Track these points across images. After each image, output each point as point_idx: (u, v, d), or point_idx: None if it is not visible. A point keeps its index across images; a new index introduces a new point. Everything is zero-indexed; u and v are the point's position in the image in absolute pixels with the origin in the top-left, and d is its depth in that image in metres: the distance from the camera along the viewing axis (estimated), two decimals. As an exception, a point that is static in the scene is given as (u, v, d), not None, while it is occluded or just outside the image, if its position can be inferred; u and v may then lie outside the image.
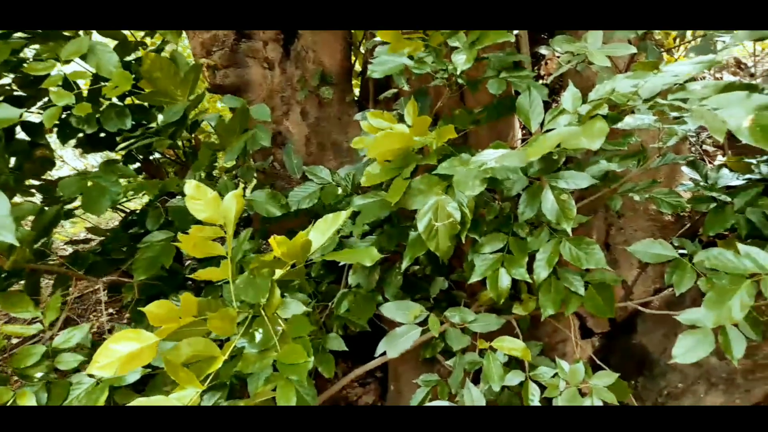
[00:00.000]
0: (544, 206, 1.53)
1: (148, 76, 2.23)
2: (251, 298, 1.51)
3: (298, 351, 1.49)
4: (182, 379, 1.28)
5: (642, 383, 2.19)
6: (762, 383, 1.83)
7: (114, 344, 1.27)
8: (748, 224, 1.67)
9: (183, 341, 1.36)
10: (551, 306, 1.69)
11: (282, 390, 1.48)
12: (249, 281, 1.56)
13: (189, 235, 1.49)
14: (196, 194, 1.52)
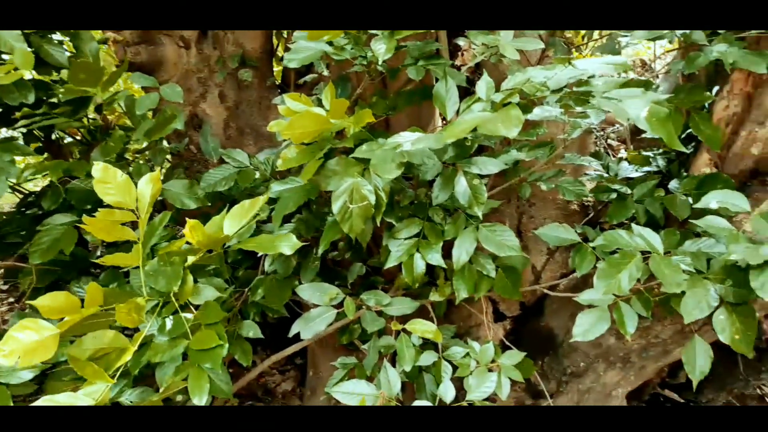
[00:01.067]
0: (457, 190, 1.57)
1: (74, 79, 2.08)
2: (162, 287, 1.45)
3: (211, 337, 1.45)
4: (89, 374, 1.22)
5: (548, 363, 2.30)
6: (654, 360, 1.98)
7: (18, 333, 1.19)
8: (646, 213, 1.79)
9: (87, 335, 1.29)
10: (465, 289, 1.75)
11: (194, 378, 1.44)
12: (160, 268, 1.50)
13: (96, 219, 1.41)
14: (105, 177, 1.44)
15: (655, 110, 1.13)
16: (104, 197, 1.43)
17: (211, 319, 1.53)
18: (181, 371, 1.49)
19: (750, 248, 1.22)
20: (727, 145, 1.82)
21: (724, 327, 1.31)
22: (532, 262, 2.41)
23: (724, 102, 1.80)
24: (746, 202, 1.32)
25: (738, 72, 1.77)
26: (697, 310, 1.29)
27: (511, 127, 1.10)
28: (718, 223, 1.34)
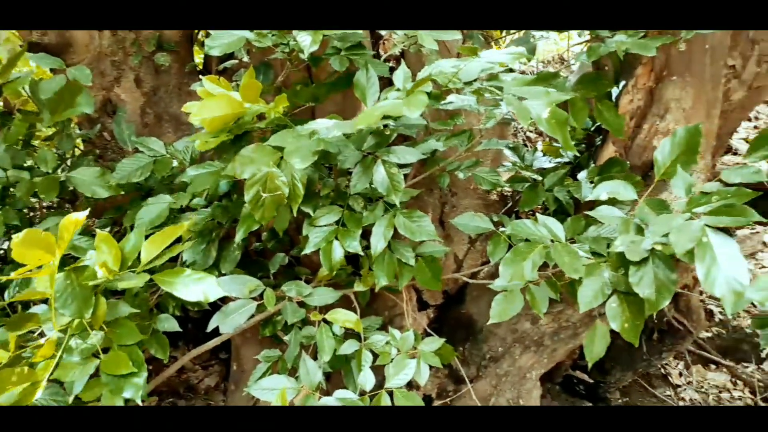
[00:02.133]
0: (376, 179, 1.58)
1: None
2: (74, 313, 1.35)
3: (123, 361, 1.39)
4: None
5: (469, 349, 2.37)
6: (564, 343, 2.07)
7: None
8: (556, 202, 1.87)
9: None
10: (385, 276, 1.76)
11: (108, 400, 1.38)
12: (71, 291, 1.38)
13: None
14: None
15: (556, 112, 1.18)
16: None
17: (124, 339, 1.46)
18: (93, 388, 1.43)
19: (633, 242, 1.29)
20: (632, 137, 1.93)
21: (616, 315, 1.38)
22: (454, 251, 2.47)
23: (628, 96, 1.90)
24: (632, 192, 1.39)
25: (641, 67, 1.88)
26: (593, 299, 1.36)
27: (414, 109, 1.12)
28: (610, 213, 1.42)
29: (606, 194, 1.45)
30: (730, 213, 1.18)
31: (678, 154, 1.40)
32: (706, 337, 3.12)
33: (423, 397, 2.42)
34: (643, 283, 1.27)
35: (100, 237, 1.33)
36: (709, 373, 2.94)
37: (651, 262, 1.27)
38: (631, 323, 1.36)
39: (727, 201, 1.22)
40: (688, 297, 2.17)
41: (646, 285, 1.27)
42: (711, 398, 2.75)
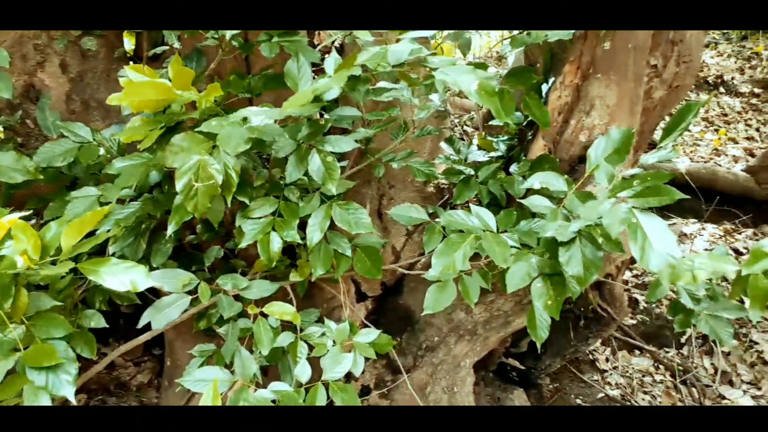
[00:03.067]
0: (311, 168, 1.58)
1: None
2: None
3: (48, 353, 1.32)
4: None
5: (406, 339, 2.40)
6: (496, 331, 2.13)
7: None
8: (489, 194, 1.92)
9: None
10: (321, 266, 1.77)
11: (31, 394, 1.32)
12: None
13: None
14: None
15: (484, 84, 1.22)
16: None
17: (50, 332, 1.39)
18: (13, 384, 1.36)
19: (562, 226, 1.36)
20: (559, 132, 2.00)
21: (540, 294, 1.46)
22: (392, 243, 2.49)
23: (557, 92, 1.97)
24: (563, 183, 1.46)
25: (569, 65, 1.95)
26: (520, 280, 1.42)
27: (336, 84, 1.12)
28: (541, 202, 1.48)
29: (539, 184, 1.51)
30: (654, 193, 1.24)
31: (611, 152, 1.47)
32: (631, 324, 3.29)
33: (360, 387, 2.44)
34: (572, 262, 1.34)
35: (18, 225, 1.26)
36: (634, 358, 3.10)
37: (579, 242, 1.34)
38: (554, 300, 1.45)
39: (648, 183, 1.29)
40: (611, 286, 2.28)
41: (575, 264, 1.34)
42: (635, 382, 2.90)
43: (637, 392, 2.83)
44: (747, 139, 5.39)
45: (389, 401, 2.38)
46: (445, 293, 1.62)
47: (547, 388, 2.77)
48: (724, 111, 5.82)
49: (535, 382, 2.70)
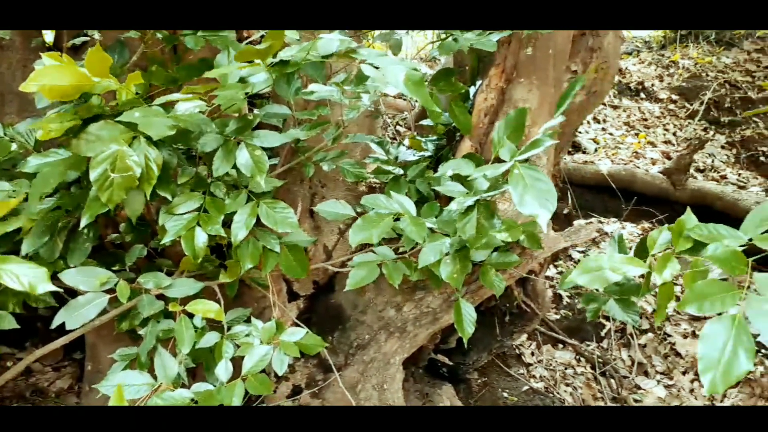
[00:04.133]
0: (240, 162, 1.56)
1: None
2: None
3: None
4: None
5: (338, 338, 2.40)
6: (425, 328, 2.18)
7: None
8: (417, 192, 1.96)
9: None
10: (249, 260, 1.75)
11: None
12: None
13: None
14: None
15: (411, 75, 1.25)
16: None
17: None
18: None
19: (461, 200, 1.44)
20: (486, 133, 2.06)
21: (447, 267, 1.59)
22: (324, 241, 2.49)
23: (483, 95, 2.03)
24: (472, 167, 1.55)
25: (494, 68, 2.01)
26: (432, 257, 1.53)
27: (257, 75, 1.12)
28: (453, 186, 1.54)
29: (451, 171, 1.57)
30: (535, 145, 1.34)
31: (509, 131, 1.55)
32: (555, 319, 3.43)
33: (292, 387, 2.42)
34: (467, 227, 1.44)
35: None
36: (557, 351, 3.23)
37: (475, 210, 1.42)
38: (458, 273, 1.62)
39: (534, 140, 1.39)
40: (534, 282, 2.37)
41: (470, 228, 1.44)
42: (558, 374, 3.03)
43: (559, 384, 2.95)
44: (664, 143, 5.73)
45: (321, 401, 2.38)
46: (367, 273, 1.67)
47: (475, 383, 2.85)
48: (644, 116, 6.15)
49: (463, 377, 2.77)
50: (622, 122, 5.96)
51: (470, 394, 2.83)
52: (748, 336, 1.08)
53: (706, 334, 1.11)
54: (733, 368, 1.06)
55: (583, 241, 2.02)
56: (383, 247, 1.81)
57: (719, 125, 6.05)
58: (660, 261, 1.35)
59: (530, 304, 2.38)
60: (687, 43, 7.29)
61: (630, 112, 6.13)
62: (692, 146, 4.39)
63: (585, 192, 4.60)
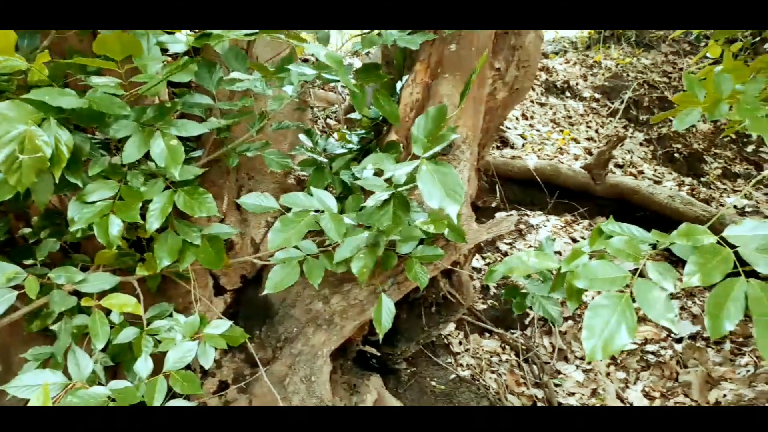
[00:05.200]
0: (154, 151, 1.52)
1: None
2: None
3: None
4: None
5: (265, 331, 2.38)
6: (353, 320, 2.19)
7: None
8: (342, 184, 1.97)
9: None
10: (167, 256, 1.70)
11: None
12: None
13: None
14: None
15: (331, 54, 1.26)
16: None
17: None
18: None
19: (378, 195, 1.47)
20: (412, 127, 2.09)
21: (359, 262, 1.60)
22: (252, 234, 2.46)
23: (409, 89, 2.06)
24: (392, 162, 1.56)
25: (419, 64, 2.05)
26: (348, 252, 1.52)
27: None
28: (374, 180, 1.56)
29: (371, 166, 1.58)
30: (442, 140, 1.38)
31: (430, 128, 1.58)
32: (482, 309, 3.54)
33: (219, 382, 2.38)
34: (383, 219, 1.45)
35: None
36: (484, 340, 3.34)
37: (392, 203, 1.44)
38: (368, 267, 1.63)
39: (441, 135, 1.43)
40: (459, 273, 2.44)
41: (386, 219, 1.45)
42: (484, 362, 3.13)
43: (485, 372, 3.05)
44: (587, 140, 6.00)
45: (248, 395, 2.35)
46: (288, 273, 1.65)
47: (405, 373, 2.90)
48: (569, 114, 6.41)
49: (393, 367, 2.81)
50: (549, 119, 6.19)
51: (399, 384, 2.87)
52: (631, 314, 1.16)
53: (595, 306, 1.19)
54: (614, 340, 1.14)
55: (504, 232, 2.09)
56: (306, 241, 1.81)
57: (638, 123, 6.39)
58: (570, 256, 1.41)
59: (455, 295, 2.45)
60: (609, 44, 7.64)
61: (556, 110, 6.38)
62: (611, 143, 4.62)
63: (513, 186, 4.76)
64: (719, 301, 1.13)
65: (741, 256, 1.20)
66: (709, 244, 1.24)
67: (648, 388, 3.16)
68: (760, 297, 1.10)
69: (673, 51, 7.71)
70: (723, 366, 3.40)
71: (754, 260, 1.17)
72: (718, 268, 1.18)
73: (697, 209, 4.50)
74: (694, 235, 1.27)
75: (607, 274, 1.27)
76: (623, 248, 1.30)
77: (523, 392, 3.01)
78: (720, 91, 1.70)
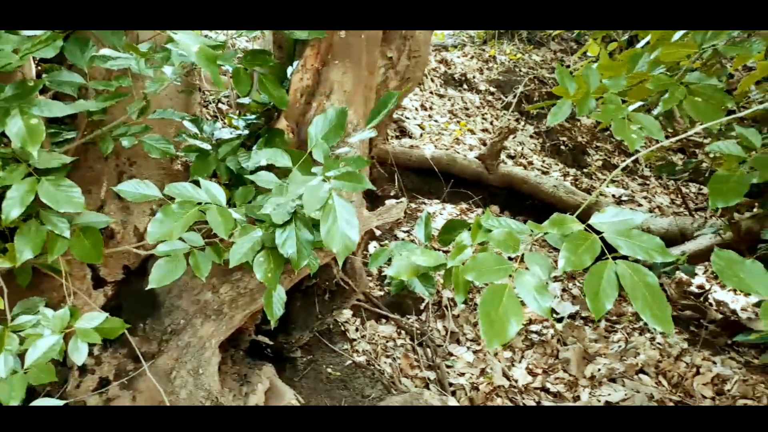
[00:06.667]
0: (10, 130, 1.39)
1: None
2: None
3: None
4: None
5: (150, 324, 2.28)
6: (242, 309, 2.15)
7: None
8: (228, 171, 1.91)
9: None
10: (30, 249, 1.57)
11: None
12: None
13: None
14: None
15: (205, 49, 1.21)
16: None
17: None
18: None
19: (279, 205, 1.43)
20: (303, 113, 2.07)
21: (261, 266, 1.52)
22: (135, 223, 2.33)
23: (299, 75, 2.04)
24: (288, 159, 1.53)
25: (309, 49, 2.03)
26: (243, 255, 1.46)
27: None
28: (268, 177, 1.52)
29: (265, 160, 1.54)
30: (351, 179, 1.36)
31: (328, 129, 1.57)
32: (379, 295, 3.60)
33: (99, 379, 2.25)
34: (287, 244, 1.40)
35: None
36: (380, 326, 3.40)
37: (294, 225, 1.40)
38: (273, 272, 1.53)
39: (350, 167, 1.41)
40: (352, 260, 2.46)
41: (289, 246, 1.40)
42: (379, 348, 3.19)
43: (380, 357, 3.11)
44: (483, 131, 6.24)
45: (132, 391, 2.25)
46: (174, 267, 1.58)
47: (301, 361, 2.89)
48: (466, 105, 6.63)
49: (288, 356, 2.80)
50: (447, 110, 6.37)
51: (296, 373, 2.86)
52: (516, 303, 1.22)
53: (484, 299, 1.25)
54: (506, 329, 1.21)
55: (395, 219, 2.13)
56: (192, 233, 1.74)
57: (529, 117, 6.73)
58: (454, 250, 1.46)
59: (349, 282, 2.47)
60: (503, 40, 7.98)
61: (454, 101, 6.57)
62: (502, 135, 4.84)
63: (411, 175, 4.86)
64: (595, 284, 1.21)
65: (606, 240, 1.30)
66: (578, 232, 1.33)
67: (531, 366, 3.37)
68: (629, 275, 1.20)
69: (562, 49, 8.19)
70: (598, 343, 3.69)
71: (616, 243, 1.27)
72: (587, 253, 1.26)
73: (579, 198, 4.84)
74: (563, 224, 1.36)
75: (492, 266, 1.32)
76: (504, 240, 1.36)
77: (416, 375, 3.10)
78: (588, 84, 1.83)
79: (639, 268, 1.18)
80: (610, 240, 1.29)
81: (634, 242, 1.22)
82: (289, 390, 2.44)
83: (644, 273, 1.16)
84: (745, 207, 3.96)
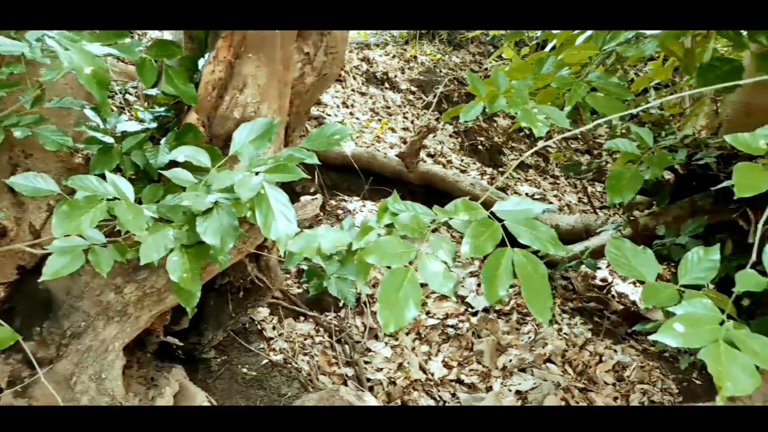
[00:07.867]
0: None
1: None
2: None
3: None
4: None
5: (47, 328, 2.14)
6: (149, 309, 2.06)
7: None
8: (133, 165, 1.83)
9: None
10: None
11: None
12: None
13: None
14: None
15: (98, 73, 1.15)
16: None
17: None
18: None
19: (199, 195, 1.38)
20: (215, 107, 2.01)
21: (176, 267, 1.45)
22: (30, 220, 2.18)
23: (210, 67, 1.98)
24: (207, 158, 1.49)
25: (222, 41, 1.97)
26: (155, 252, 1.39)
27: None
28: (183, 175, 1.47)
29: (183, 157, 1.49)
30: (283, 170, 1.35)
31: (254, 138, 1.54)
32: (298, 293, 3.57)
33: (-10, 389, 2.09)
34: (210, 231, 1.37)
35: None
36: (298, 324, 3.37)
37: (216, 212, 1.37)
38: (190, 273, 1.45)
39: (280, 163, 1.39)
40: (267, 258, 2.42)
41: (212, 233, 1.37)
42: (297, 346, 3.16)
43: (298, 355, 3.09)
44: (403, 130, 6.32)
45: (27, 399, 2.11)
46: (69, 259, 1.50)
47: (215, 362, 2.81)
48: (387, 104, 6.69)
49: (201, 357, 2.71)
50: (369, 108, 6.40)
51: (209, 374, 2.78)
52: (416, 287, 1.24)
53: (385, 281, 1.26)
54: (404, 312, 1.22)
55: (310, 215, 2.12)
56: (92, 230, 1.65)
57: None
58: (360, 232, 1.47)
59: (264, 279, 2.43)
60: (424, 41, 8.12)
61: (375, 100, 6.61)
62: (422, 133, 4.92)
63: (331, 172, 4.85)
64: (492, 269, 1.25)
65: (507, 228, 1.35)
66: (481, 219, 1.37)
67: (447, 359, 3.46)
68: (524, 263, 1.24)
69: (479, 51, 8.44)
70: (510, 334, 3.85)
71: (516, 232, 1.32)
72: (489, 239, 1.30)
73: (493, 196, 5.01)
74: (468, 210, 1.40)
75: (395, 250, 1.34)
76: (409, 224, 1.38)
77: (334, 372, 3.10)
78: (498, 86, 1.90)
79: (533, 258, 1.23)
80: (510, 228, 1.34)
81: (533, 232, 1.28)
82: (200, 392, 2.37)
83: (537, 263, 1.22)
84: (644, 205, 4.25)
